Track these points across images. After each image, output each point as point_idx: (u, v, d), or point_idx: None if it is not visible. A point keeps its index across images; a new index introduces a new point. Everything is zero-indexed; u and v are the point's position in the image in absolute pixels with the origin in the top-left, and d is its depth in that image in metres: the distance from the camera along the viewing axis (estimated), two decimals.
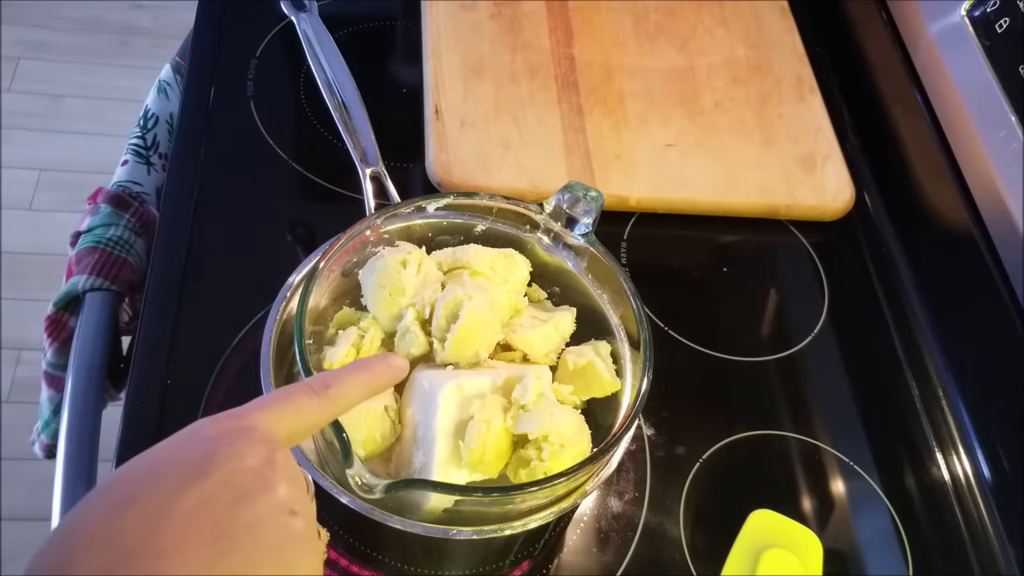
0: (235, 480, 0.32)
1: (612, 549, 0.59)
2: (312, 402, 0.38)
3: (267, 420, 0.35)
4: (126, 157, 0.79)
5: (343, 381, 0.39)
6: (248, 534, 0.31)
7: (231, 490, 0.31)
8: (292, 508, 0.33)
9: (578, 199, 0.55)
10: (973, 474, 0.67)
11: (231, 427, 0.34)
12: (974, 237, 0.69)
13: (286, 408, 0.37)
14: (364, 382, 0.41)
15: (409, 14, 0.86)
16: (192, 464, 0.32)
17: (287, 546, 0.32)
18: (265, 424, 0.35)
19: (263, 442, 0.34)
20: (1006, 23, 0.67)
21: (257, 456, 0.33)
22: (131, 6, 1.99)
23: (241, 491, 0.32)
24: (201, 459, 0.32)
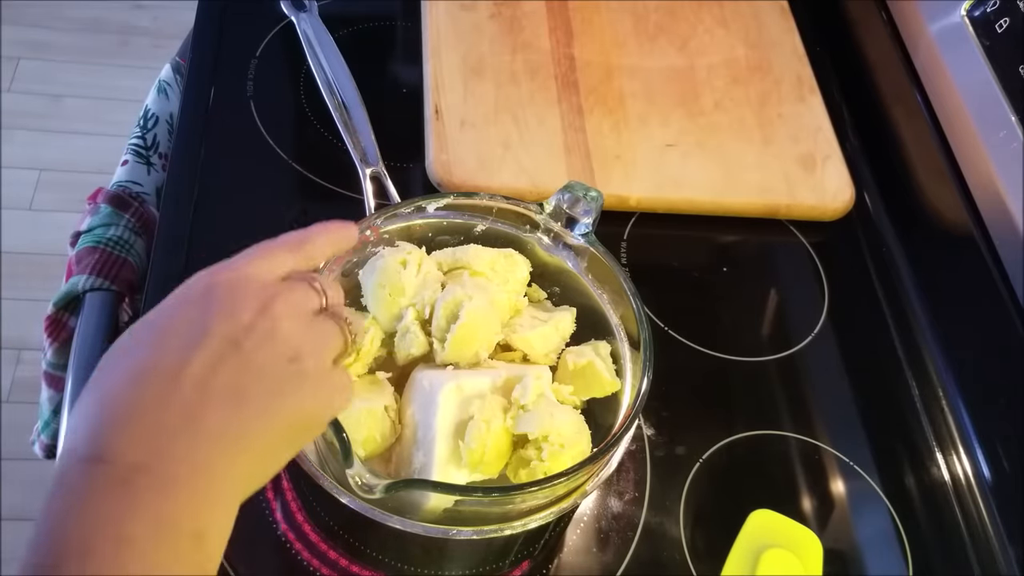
0: (238, 329, 0.34)
1: (612, 549, 0.59)
2: (291, 256, 0.40)
3: (255, 269, 0.38)
4: (126, 157, 0.79)
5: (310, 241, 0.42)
6: (255, 386, 0.34)
7: (232, 348, 0.34)
8: (290, 355, 0.35)
9: (578, 199, 0.55)
10: (973, 474, 0.67)
11: (224, 280, 0.36)
12: (974, 237, 0.69)
13: (269, 259, 0.39)
14: (326, 243, 0.44)
15: (409, 14, 0.86)
16: (195, 323, 0.34)
17: (295, 391, 0.35)
18: (255, 272, 0.38)
19: (255, 294, 0.36)
20: (1006, 23, 0.67)
21: (251, 309, 0.35)
22: (131, 6, 1.99)
23: (245, 341, 0.34)
24: (202, 318, 0.34)
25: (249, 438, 0.33)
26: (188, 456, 0.31)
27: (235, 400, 0.33)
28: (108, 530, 0.29)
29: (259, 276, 0.38)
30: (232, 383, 0.33)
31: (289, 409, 0.35)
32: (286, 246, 0.41)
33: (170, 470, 0.31)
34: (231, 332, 0.34)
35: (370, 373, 0.52)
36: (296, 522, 0.57)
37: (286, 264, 0.40)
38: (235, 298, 0.36)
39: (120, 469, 0.30)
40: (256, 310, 0.36)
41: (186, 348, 0.33)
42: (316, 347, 0.37)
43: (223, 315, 0.35)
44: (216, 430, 0.32)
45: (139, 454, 0.30)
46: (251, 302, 0.36)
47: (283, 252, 0.40)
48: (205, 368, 0.33)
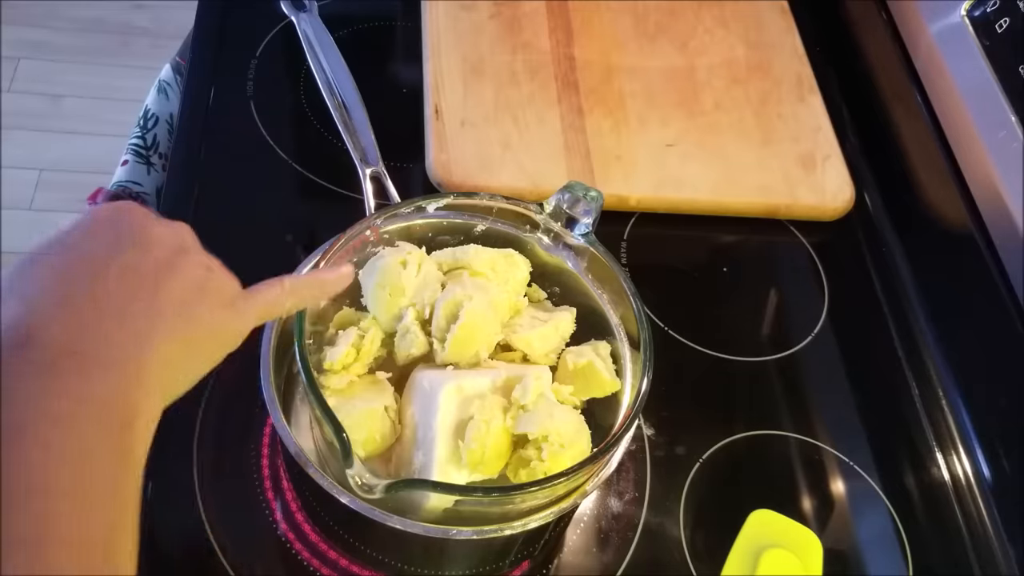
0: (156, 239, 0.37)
1: (612, 549, 0.59)
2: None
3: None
4: (126, 157, 0.79)
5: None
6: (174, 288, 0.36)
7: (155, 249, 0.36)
8: (207, 265, 0.38)
9: (578, 199, 0.55)
10: (973, 474, 0.67)
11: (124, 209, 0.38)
12: (974, 237, 0.69)
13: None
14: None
15: (409, 14, 0.86)
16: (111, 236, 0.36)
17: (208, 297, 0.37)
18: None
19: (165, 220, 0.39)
20: (1006, 23, 0.67)
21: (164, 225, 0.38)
22: (131, 6, 1.99)
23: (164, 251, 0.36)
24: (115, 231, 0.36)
25: (171, 332, 0.35)
26: (116, 341, 0.32)
27: (158, 296, 0.35)
28: (39, 408, 0.29)
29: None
30: (154, 282, 0.35)
31: (207, 310, 0.37)
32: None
33: (99, 353, 0.32)
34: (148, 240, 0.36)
35: (370, 373, 0.52)
36: (296, 522, 0.57)
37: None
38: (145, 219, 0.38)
39: (48, 354, 0.31)
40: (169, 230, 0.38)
41: (108, 251, 0.35)
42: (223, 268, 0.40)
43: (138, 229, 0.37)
44: (141, 319, 0.34)
45: (67, 339, 0.31)
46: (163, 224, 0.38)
47: None
48: (127, 268, 0.35)
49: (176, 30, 1.90)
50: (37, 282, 0.33)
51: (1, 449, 0.28)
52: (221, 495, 0.57)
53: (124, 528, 0.31)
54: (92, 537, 0.29)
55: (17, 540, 0.27)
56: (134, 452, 0.32)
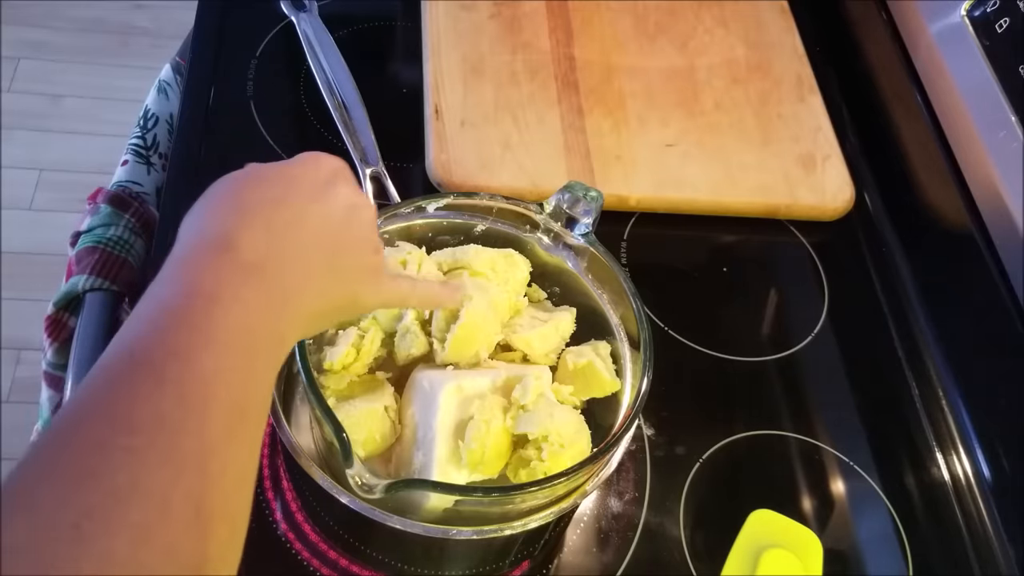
0: (352, 206, 0.41)
1: (612, 549, 0.59)
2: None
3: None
4: (126, 157, 0.79)
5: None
6: (348, 253, 0.41)
7: (346, 213, 0.41)
8: (376, 247, 0.43)
9: (578, 199, 0.55)
10: (973, 474, 0.67)
11: (343, 168, 0.43)
12: (974, 237, 0.69)
13: None
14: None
15: (409, 14, 0.86)
16: (321, 185, 0.41)
17: (366, 272, 0.43)
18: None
19: (364, 194, 0.44)
20: (1006, 23, 0.67)
21: (362, 198, 0.43)
22: (131, 6, 1.99)
23: (352, 218, 0.41)
24: (327, 184, 0.41)
25: (329, 288, 0.40)
26: (293, 276, 0.37)
27: (333, 254, 0.40)
28: (229, 291, 0.34)
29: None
30: (335, 241, 0.40)
31: (360, 284, 0.42)
32: None
33: (280, 278, 0.37)
34: (346, 204, 0.41)
35: (370, 373, 0.52)
36: (296, 522, 0.57)
37: None
38: (352, 186, 0.43)
39: (243, 259, 0.36)
40: (363, 202, 0.43)
41: (311, 197, 0.40)
42: (383, 257, 0.45)
43: (342, 191, 0.41)
44: (315, 268, 0.39)
45: (260, 256, 0.36)
46: (361, 196, 0.43)
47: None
48: (322, 218, 0.40)
49: (176, 30, 1.90)
50: (253, 201, 0.38)
51: (195, 304, 0.33)
52: None
53: (263, 406, 0.36)
54: (245, 393, 0.33)
55: (197, 371, 0.31)
56: (278, 363, 0.37)
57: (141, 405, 0.30)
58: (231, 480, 0.32)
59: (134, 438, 0.29)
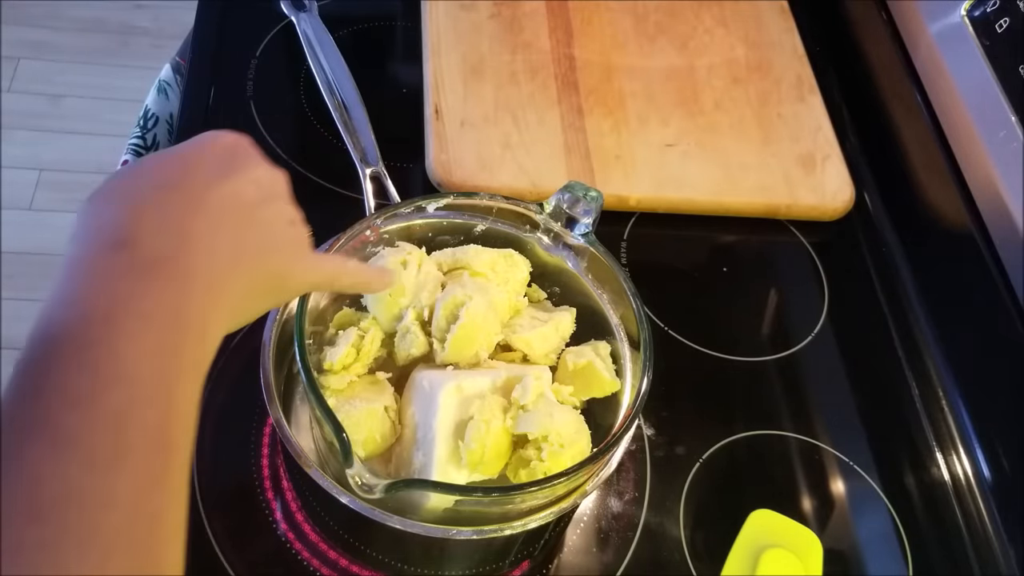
0: (258, 180, 0.39)
1: (612, 549, 0.59)
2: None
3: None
4: (126, 157, 0.79)
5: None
6: (262, 228, 0.38)
7: (254, 188, 0.38)
8: (292, 218, 0.41)
9: (578, 199, 0.55)
10: (973, 474, 0.67)
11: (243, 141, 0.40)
12: (974, 237, 0.69)
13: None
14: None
15: (409, 14, 0.86)
16: (219, 163, 0.38)
17: (287, 246, 0.40)
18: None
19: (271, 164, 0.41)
20: (1006, 23, 0.67)
21: (267, 169, 0.40)
22: (131, 6, 1.99)
23: (261, 192, 0.39)
24: (227, 161, 0.38)
25: (248, 269, 0.37)
26: (201, 263, 0.34)
27: (244, 233, 0.37)
28: (131, 305, 0.31)
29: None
30: (245, 219, 0.37)
31: (283, 259, 0.40)
32: None
33: (191, 267, 0.34)
34: (251, 178, 0.39)
35: (370, 373, 0.52)
36: (296, 522, 0.57)
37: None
38: (255, 158, 0.40)
39: (146, 256, 0.33)
40: (270, 174, 0.41)
41: (211, 177, 0.37)
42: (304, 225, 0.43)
43: (245, 165, 0.39)
44: (226, 250, 0.36)
45: (165, 247, 0.33)
46: (267, 167, 0.41)
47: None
48: (226, 198, 0.37)
49: (176, 30, 1.90)
50: (147, 189, 0.35)
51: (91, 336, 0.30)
52: (221, 495, 0.57)
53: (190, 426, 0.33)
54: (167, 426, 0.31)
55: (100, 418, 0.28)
56: (204, 364, 0.34)
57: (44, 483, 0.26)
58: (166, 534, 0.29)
59: (44, 528, 0.25)
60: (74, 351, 0.29)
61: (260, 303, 0.40)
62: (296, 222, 0.41)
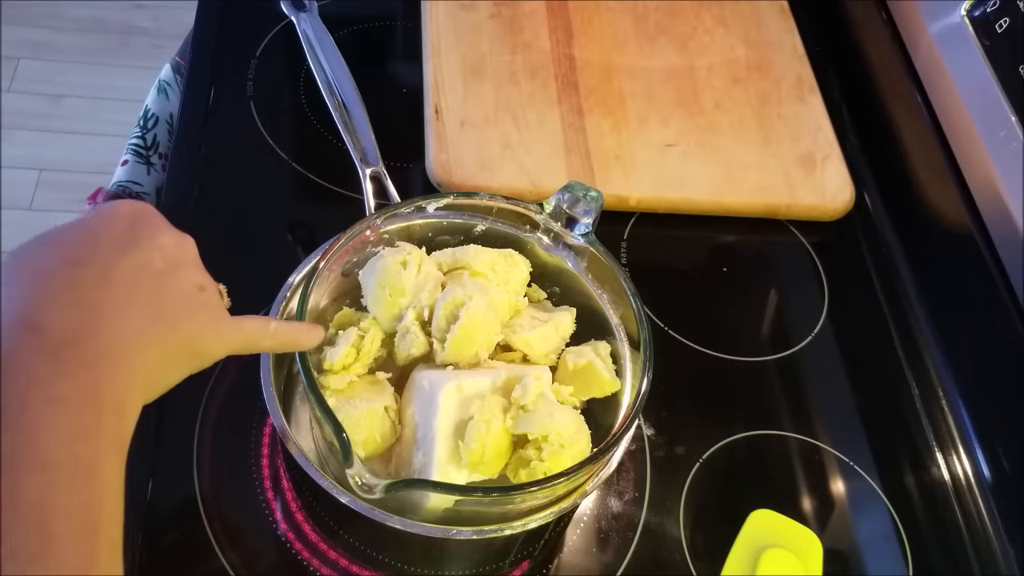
0: (163, 247, 0.39)
1: (612, 549, 0.59)
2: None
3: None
4: (126, 157, 0.79)
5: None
6: (171, 298, 0.38)
7: (160, 256, 0.38)
8: (202, 284, 0.40)
9: (578, 199, 0.55)
10: (973, 474, 0.67)
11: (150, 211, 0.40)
12: (974, 237, 0.69)
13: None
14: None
15: (409, 14, 0.86)
16: (124, 235, 0.38)
17: (198, 313, 0.39)
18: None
19: (176, 232, 0.41)
20: (1006, 23, 0.67)
21: (173, 236, 0.40)
22: (131, 6, 1.99)
23: (167, 260, 0.38)
24: (133, 234, 0.38)
25: (159, 339, 0.37)
26: (114, 339, 0.34)
27: (154, 304, 0.37)
28: (40, 391, 0.31)
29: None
30: (154, 289, 0.37)
31: (196, 326, 0.39)
32: None
33: (99, 347, 0.34)
34: (157, 248, 0.38)
35: (370, 373, 0.52)
36: (296, 522, 0.57)
37: None
38: (160, 226, 0.40)
39: (52, 340, 0.32)
40: (176, 241, 0.40)
41: (118, 250, 0.37)
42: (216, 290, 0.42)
43: (150, 234, 0.39)
44: (138, 323, 0.36)
45: (70, 329, 0.33)
46: (173, 234, 0.40)
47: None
48: (133, 270, 0.37)
49: (176, 30, 1.90)
50: (55, 265, 0.35)
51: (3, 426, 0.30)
52: (221, 495, 0.57)
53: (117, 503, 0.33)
54: (92, 509, 0.31)
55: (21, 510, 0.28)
56: (124, 439, 0.34)
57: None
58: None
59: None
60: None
61: (176, 371, 0.39)
62: (206, 288, 0.40)
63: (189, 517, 0.56)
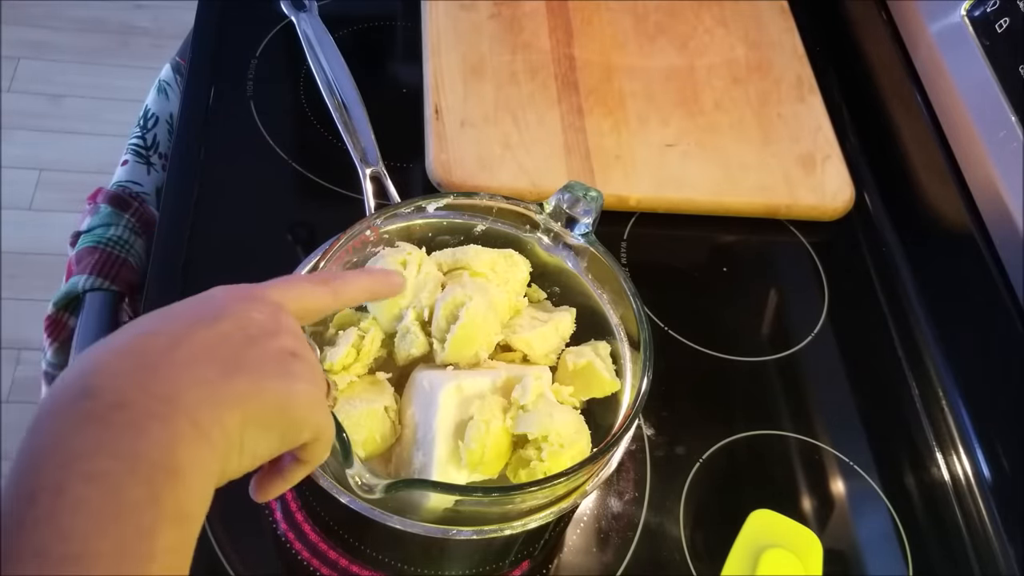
0: (246, 325, 0.36)
1: (612, 549, 0.59)
2: (317, 289, 0.42)
3: (276, 295, 0.39)
4: (126, 157, 0.79)
5: (344, 278, 0.44)
6: (255, 365, 0.34)
7: (242, 332, 0.35)
8: (294, 351, 0.37)
9: (578, 199, 0.55)
10: (973, 474, 0.67)
11: (243, 293, 0.38)
12: (974, 237, 0.69)
13: (294, 290, 0.41)
14: (364, 284, 0.46)
15: (409, 14, 0.86)
16: (207, 314, 0.35)
17: (288, 376, 0.36)
18: (275, 297, 0.39)
19: (272, 305, 0.38)
20: (1006, 23, 0.67)
21: (265, 312, 0.37)
22: (131, 6, 1.99)
23: (251, 333, 0.35)
24: (215, 311, 0.36)
25: (238, 399, 0.33)
26: (171, 396, 0.31)
27: (230, 365, 0.34)
28: (79, 466, 0.28)
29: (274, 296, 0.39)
30: (232, 354, 0.34)
31: (280, 392, 0.35)
32: (313, 279, 0.43)
33: (149, 407, 0.30)
34: (245, 319, 0.36)
35: (370, 373, 0.52)
36: (296, 522, 0.57)
37: (306, 295, 0.41)
38: (250, 300, 0.37)
39: (101, 406, 0.30)
40: (268, 314, 0.37)
41: (195, 322, 0.35)
42: (315, 361, 0.39)
43: (239, 308, 0.36)
44: (207, 380, 0.33)
45: (120, 391, 0.30)
46: (264, 307, 0.37)
47: (307, 284, 0.42)
48: (213, 337, 0.34)
49: (176, 30, 1.90)
50: (124, 339, 0.33)
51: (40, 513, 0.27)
52: (221, 495, 0.57)
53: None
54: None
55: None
56: (185, 507, 0.30)
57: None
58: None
59: None
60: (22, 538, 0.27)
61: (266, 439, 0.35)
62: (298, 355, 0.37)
63: None
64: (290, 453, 0.39)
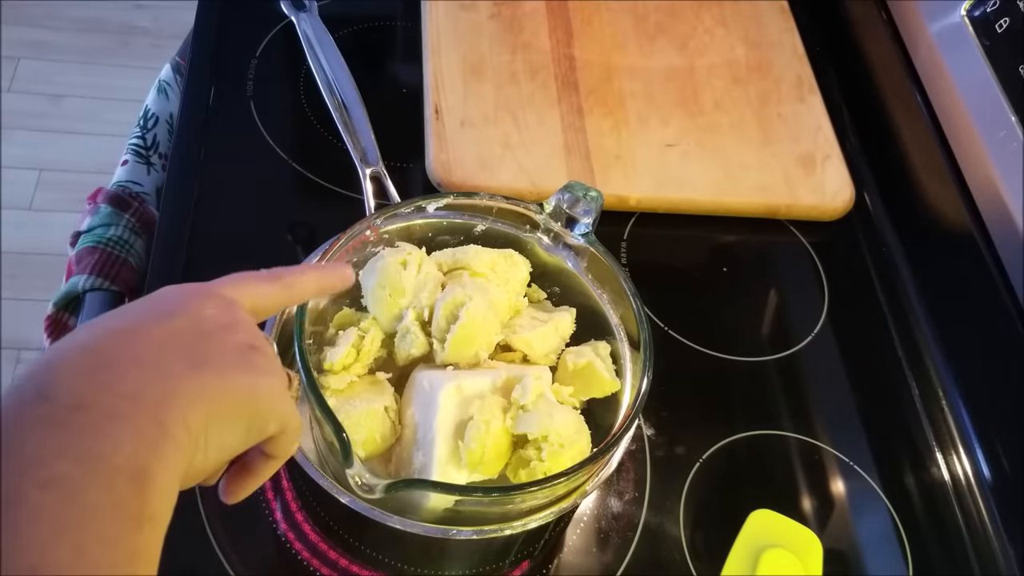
0: (201, 320, 0.35)
1: (612, 549, 0.59)
2: (269, 285, 0.42)
3: (229, 291, 0.39)
4: (126, 157, 0.79)
5: (294, 273, 0.43)
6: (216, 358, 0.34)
7: (198, 327, 0.35)
8: (253, 344, 0.36)
9: (578, 199, 0.55)
10: (973, 474, 0.67)
11: (195, 290, 0.37)
12: (974, 237, 0.69)
13: (246, 286, 0.40)
14: (315, 278, 0.45)
15: (409, 14, 0.86)
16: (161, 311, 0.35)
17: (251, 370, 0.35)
18: (227, 293, 0.38)
19: (225, 300, 0.38)
20: (1006, 23, 0.67)
21: (219, 307, 0.37)
22: (131, 6, 1.99)
23: (207, 328, 0.35)
24: (169, 308, 0.35)
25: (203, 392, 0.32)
26: (133, 393, 0.30)
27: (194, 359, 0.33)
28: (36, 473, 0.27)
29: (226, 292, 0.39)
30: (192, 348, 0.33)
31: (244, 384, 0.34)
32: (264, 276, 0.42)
33: (112, 405, 0.29)
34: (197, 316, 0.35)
35: (370, 373, 0.52)
36: (296, 522, 0.57)
37: (260, 291, 0.41)
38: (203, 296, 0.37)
39: (58, 408, 0.28)
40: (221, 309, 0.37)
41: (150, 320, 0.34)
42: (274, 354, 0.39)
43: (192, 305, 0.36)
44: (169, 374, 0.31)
45: (80, 391, 0.29)
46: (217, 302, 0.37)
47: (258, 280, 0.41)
48: (169, 334, 0.33)
49: (176, 30, 1.90)
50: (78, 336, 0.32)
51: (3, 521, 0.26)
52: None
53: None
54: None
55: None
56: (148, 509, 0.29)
57: None
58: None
59: None
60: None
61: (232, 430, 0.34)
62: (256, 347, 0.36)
63: (190, 517, 0.56)
64: (258, 449, 0.38)
